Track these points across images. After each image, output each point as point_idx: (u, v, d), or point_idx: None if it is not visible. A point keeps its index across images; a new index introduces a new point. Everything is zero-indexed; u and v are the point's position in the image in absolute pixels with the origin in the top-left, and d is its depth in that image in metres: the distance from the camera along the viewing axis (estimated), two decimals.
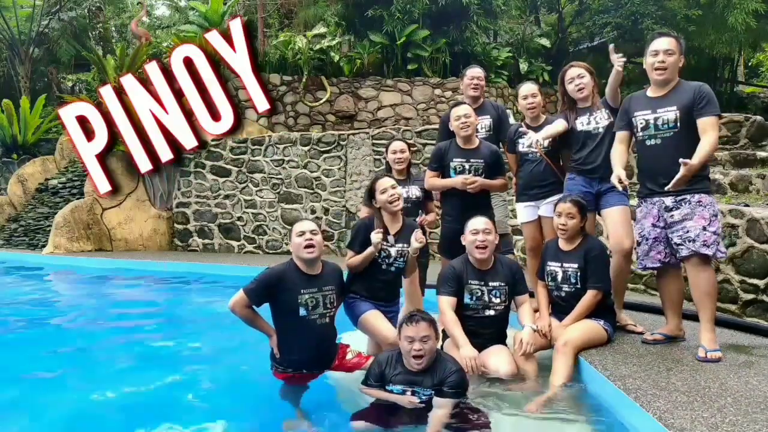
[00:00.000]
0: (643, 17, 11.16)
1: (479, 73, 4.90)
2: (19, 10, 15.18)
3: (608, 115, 4.07)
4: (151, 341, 5.19)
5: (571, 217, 3.71)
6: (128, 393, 3.76)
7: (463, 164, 4.31)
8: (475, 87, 4.86)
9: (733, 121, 7.26)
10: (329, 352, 3.58)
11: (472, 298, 3.67)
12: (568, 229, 3.72)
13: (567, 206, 3.73)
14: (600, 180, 4.02)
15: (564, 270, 3.76)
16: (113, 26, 18.40)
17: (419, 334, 3.09)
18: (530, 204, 4.46)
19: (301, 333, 3.39)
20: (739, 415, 2.59)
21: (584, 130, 4.12)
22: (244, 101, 11.78)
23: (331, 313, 3.53)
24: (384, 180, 3.79)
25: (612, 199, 4.00)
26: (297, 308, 3.36)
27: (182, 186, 10.48)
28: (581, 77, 4.16)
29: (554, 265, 3.82)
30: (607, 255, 3.88)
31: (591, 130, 4.10)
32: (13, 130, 12.67)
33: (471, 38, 12.01)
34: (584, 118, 4.14)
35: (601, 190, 4.04)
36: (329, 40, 11.90)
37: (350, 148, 9.23)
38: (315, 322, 3.41)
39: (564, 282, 3.76)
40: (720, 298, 4.63)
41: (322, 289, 3.44)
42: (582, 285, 3.70)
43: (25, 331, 5.69)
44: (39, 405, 3.68)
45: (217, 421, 3.31)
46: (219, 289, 7.43)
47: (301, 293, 3.37)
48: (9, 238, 10.96)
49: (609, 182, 3.81)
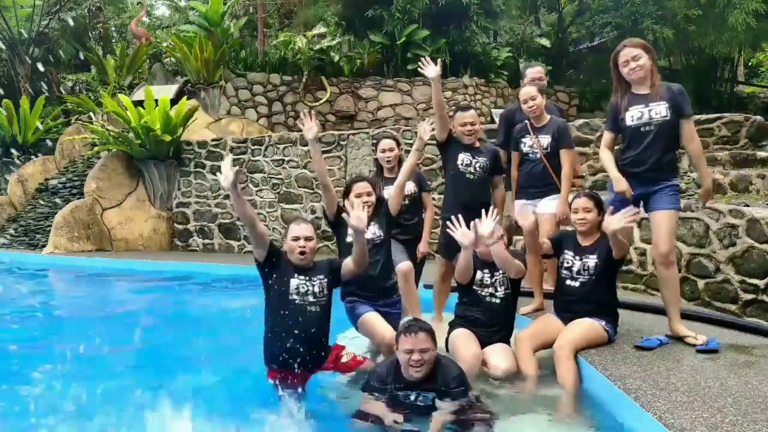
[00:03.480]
0: (643, 17, 11.15)
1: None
2: (19, 10, 15.17)
3: (667, 109, 3.63)
4: (151, 341, 5.19)
5: (588, 210, 3.72)
6: (128, 393, 3.76)
7: (470, 159, 4.44)
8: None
9: (733, 121, 7.25)
10: (319, 346, 3.58)
11: (481, 286, 3.84)
12: (588, 222, 3.73)
13: (582, 201, 3.75)
14: (649, 182, 3.71)
15: (583, 263, 3.75)
16: (113, 26, 18.39)
17: (418, 345, 3.02)
18: (527, 203, 4.53)
19: (290, 318, 3.45)
20: (739, 415, 2.58)
21: (632, 125, 3.71)
22: (244, 101, 11.80)
23: (322, 303, 3.55)
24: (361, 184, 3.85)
25: (659, 201, 3.69)
26: (287, 291, 3.47)
27: (182, 186, 10.48)
28: (636, 59, 3.65)
29: (571, 255, 3.81)
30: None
31: (640, 126, 3.68)
32: (13, 130, 12.65)
33: (471, 38, 12.02)
34: (636, 110, 3.69)
35: (649, 192, 3.73)
36: (329, 40, 11.91)
37: (350, 148, 9.23)
38: (305, 308, 3.48)
39: (580, 274, 3.74)
40: (720, 298, 4.64)
41: (312, 278, 3.53)
42: (598, 278, 3.69)
43: (24, 331, 5.68)
44: (39, 405, 3.67)
45: (216, 421, 3.30)
46: (219, 289, 7.44)
47: (293, 277, 3.50)
48: (9, 238, 10.95)
49: (659, 184, 3.68)
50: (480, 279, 3.85)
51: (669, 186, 3.69)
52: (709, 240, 4.71)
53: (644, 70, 3.65)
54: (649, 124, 3.66)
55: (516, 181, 4.70)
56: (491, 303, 3.84)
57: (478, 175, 4.46)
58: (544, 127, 4.51)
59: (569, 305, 3.77)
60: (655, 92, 3.66)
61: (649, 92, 3.69)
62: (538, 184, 4.49)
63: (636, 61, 3.64)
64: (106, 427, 3.30)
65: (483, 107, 11.94)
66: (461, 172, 4.46)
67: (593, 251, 3.74)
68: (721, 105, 11.38)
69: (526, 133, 4.56)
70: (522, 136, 4.58)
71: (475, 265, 3.82)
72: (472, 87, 11.75)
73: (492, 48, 12.65)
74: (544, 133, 4.50)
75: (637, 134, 3.71)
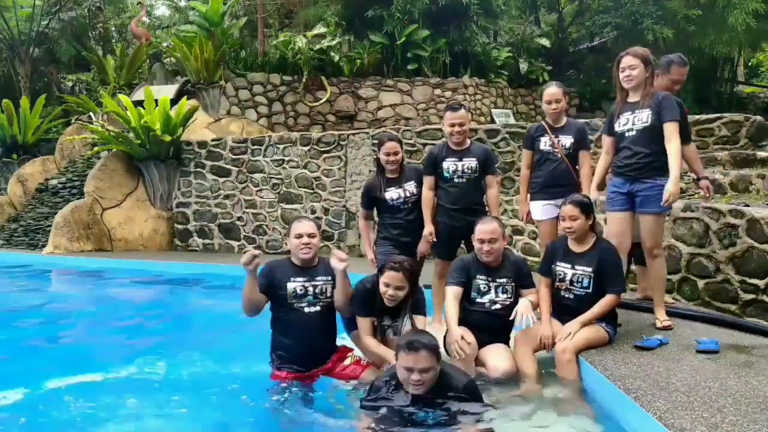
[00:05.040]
0: (643, 17, 11.16)
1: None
2: (19, 10, 15.16)
3: (649, 117, 3.90)
4: (151, 341, 5.18)
5: (574, 218, 3.69)
6: (127, 393, 3.76)
7: (456, 164, 4.44)
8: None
9: (733, 121, 7.24)
10: (323, 346, 3.61)
11: (479, 293, 3.74)
12: (575, 230, 3.70)
13: (568, 209, 3.72)
14: (635, 181, 3.96)
15: (575, 272, 3.72)
16: (113, 26, 18.39)
17: (419, 364, 2.77)
18: (549, 202, 4.50)
19: (289, 321, 3.51)
20: (739, 415, 2.59)
21: (619, 131, 4.05)
22: (244, 101, 11.80)
23: (323, 303, 3.56)
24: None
25: (646, 204, 3.94)
26: (285, 296, 3.51)
27: (182, 186, 10.47)
28: (632, 68, 3.92)
29: (564, 266, 3.78)
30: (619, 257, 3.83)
31: (624, 132, 4.01)
32: (13, 130, 12.66)
33: (471, 38, 12.03)
34: (624, 117, 4.01)
35: (636, 190, 3.97)
36: (329, 40, 11.91)
37: (350, 148, 9.23)
38: (303, 311, 3.51)
39: (574, 284, 3.73)
40: (720, 298, 4.64)
41: (313, 279, 3.55)
42: (595, 289, 3.67)
43: (24, 331, 5.68)
44: (38, 405, 3.67)
45: (215, 421, 3.31)
46: (219, 289, 7.44)
47: (290, 281, 3.53)
48: (9, 238, 10.94)
49: (645, 183, 3.90)
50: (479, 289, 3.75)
51: (655, 186, 3.87)
52: (709, 240, 4.71)
53: (636, 81, 3.92)
54: (632, 130, 3.98)
55: (527, 180, 4.71)
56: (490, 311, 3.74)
57: (467, 177, 4.46)
58: (563, 128, 4.55)
59: (567, 313, 3.74)
60: (644, 101, 3.92)
61: (639, 100, 3.95)
62: (564, 183, 4.47)
63: (632, 70, 3.91)
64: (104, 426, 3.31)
65: (483, 107, 11.95)
66: (448, 178, 4.48)
67: (587, 260, 3.69)
68: (721, 105, 11.39)
69: (543, 133, 4.58)
70: (540, 136, 4.59)
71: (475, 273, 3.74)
72: (471, 87, 11.76)
73: (492, 48, 12.66)
74: (565, 133, 4.53)
75: (622, 138, 4.05)
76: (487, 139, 8.32)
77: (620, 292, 3.70)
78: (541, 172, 4.59)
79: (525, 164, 4.73)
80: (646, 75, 3.91)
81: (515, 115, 12.34)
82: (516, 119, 11.95)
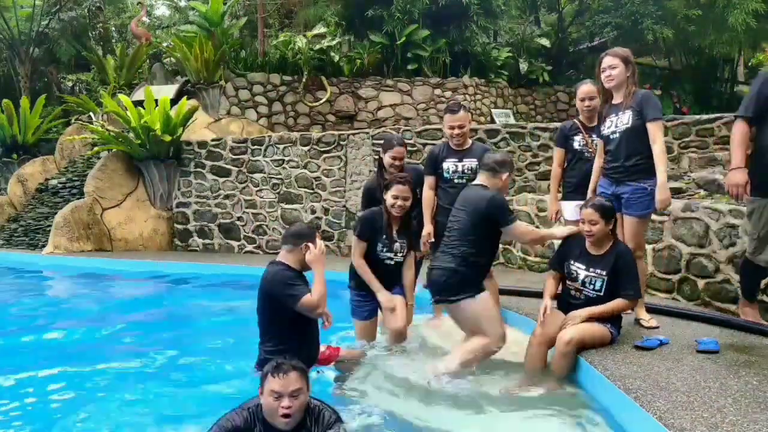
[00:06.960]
0: (643, 17, 11.16)
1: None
2: (19, 10, 15.17)
3: (630, 118, 3.88)
4: (151, 341, 5.19)
5: (593, 223, 3.64)
6: (127, 393, 3.77)
7: (456, 164, 4.45)
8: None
9: None
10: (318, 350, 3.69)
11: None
12: (594, 233, 3.66)
13: (588, 212, 3.69)
14: (620, 183, 3.96)
15: (588, 274, 3.70)
16: (113, 26, 18.40)
17: (288, 388, 2.51)
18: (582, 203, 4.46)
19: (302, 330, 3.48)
20: (739, 415, 2.59)
21: (604, 134, 4.08)
22: (244, 101, 11.80)
23: None
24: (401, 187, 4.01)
25: (630, 206, 3.94)
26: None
27: (182, 186, 10.47)
28: (612, 68, 3.94)
29: (578, 266, 3.75)
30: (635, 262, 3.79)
31: (609, 135, 4.02)
32: (13, 130, 12.66)
33: (471, 38, 12.02)
34: (608, 120, 4.04)
35: (621, 192, 3.96)
36: (329, 40, 11.91)
37: (350, 148, 9.23)
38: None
39: (586, 285, 3.71)
40: (720, 298, 4.64)
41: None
42: (606, 293, 3.65)
43: (24, 330, 5.68)
44: (38, 405, 3.68)
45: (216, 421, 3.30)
46: (219, 289, 7.44)
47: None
48: (9, 238, 10.94)
49: (629, 185, 3.89)
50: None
51: (639, 189, 3.87)
52: (709, 240, 4.71)
53: (617, 80, 3.92)
54: (615, 133, 3.98)
55: (559, 179, 4.67)
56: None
57: (467, 178, 4.43)
58: (596, 127, 4.44)
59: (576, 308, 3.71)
60: (626, 102, 3.91)
61: (621, 101, 3.95)
62: None
63: (612, 69, 3.92)
64: (104, 426, 3.31)
65: (483, 107, 11.95)
66: (448, 179, 4.48)
67: (602, 263, 3.67)
68: (721, 105, 11.40)
69: (578, 132, 4.55)
70: (574, 134, 4.56)
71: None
72: (471, 87, 11.76)
73: (492, 48, 12.66)
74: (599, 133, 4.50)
75: (608, 141, 4.06)
76: (487, 139, 8.33)
77: (633, 298, 3.69)
78: (574, 172, 4.56)
79: (557, 162, 4.68)
80: (627, 74, 3.91)
81: (515, 115, 12.35)
82: (516, 119, 11.96)
